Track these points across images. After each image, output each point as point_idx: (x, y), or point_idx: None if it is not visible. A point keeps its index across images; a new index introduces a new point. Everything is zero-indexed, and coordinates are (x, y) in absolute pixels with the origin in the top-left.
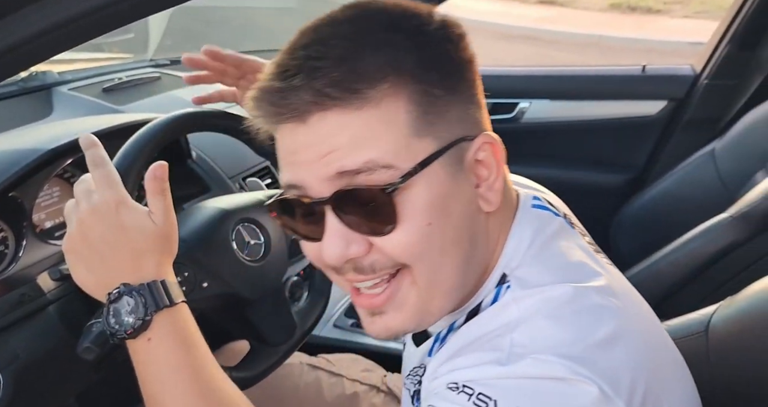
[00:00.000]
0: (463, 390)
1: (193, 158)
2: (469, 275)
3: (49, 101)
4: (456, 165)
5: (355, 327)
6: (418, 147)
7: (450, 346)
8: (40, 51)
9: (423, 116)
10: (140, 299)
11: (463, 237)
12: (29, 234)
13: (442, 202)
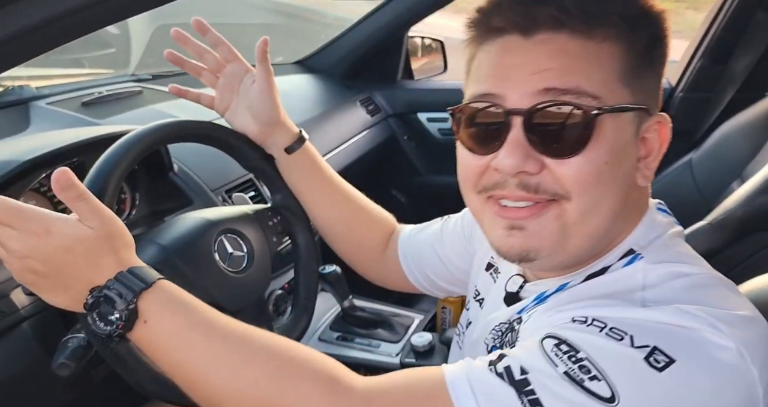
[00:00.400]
0: (593, 323)
1: (174, 170)
2: (610, 233)
3: (26, 116)
4: (635, 127)
5: (340, 341)
6: (621, 93)
7: (560, 299)
8: (23, 50)
9: (631, 70)
10: (115, 293)
11: (621, 194)
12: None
13: (621, 149)
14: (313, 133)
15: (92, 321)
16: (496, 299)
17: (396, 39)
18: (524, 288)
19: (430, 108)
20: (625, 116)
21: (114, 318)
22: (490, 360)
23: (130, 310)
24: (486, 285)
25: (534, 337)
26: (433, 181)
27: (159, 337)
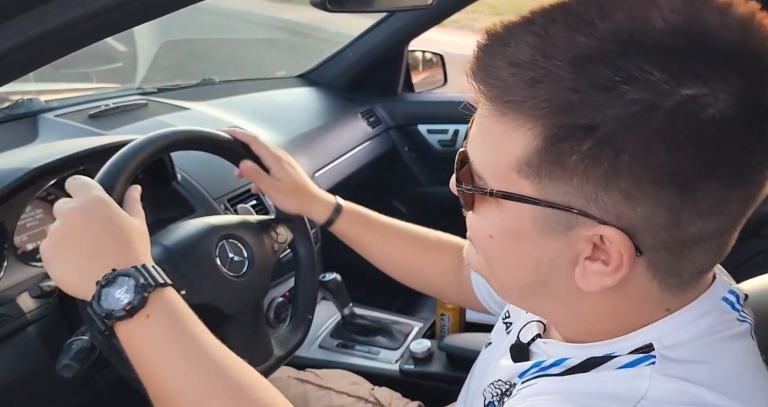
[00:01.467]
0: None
1: (178, 180)
2: (539, 304)
3: (35, 128)
4: (555, 224)
5: (340, 348)
6: (514, 182)
7: (549, 386)
8: (44, 53)
9: (537, 165)
10: (135, 278)
11: (527, 276)
12: (10, 256)
13: (517, 235)
14: (315, 144)
15: (97, 298)
16: (512, 338)
17: (396, 53)
18: (536, 342)
19: (431, 120)
20: (523, 208)
21: (124, 300)
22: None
23: (143, 297)
24: (517, 311)
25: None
26: (433, 192)
27: (149, 336)
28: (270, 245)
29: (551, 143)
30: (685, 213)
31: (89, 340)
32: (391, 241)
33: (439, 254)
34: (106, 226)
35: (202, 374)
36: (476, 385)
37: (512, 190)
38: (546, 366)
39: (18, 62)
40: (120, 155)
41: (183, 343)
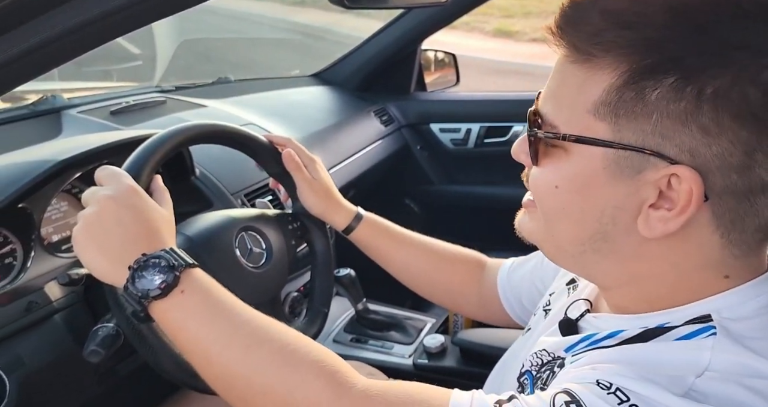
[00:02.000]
0: (615, 392)
1: (196, 174)
2: (597, 263)
3: (59, 123)
4: (626, 168)
5: (355, 342)
6: (589, 125)
7: (605, 355)
8: (65, 50)
9: (615, 105)
10: (166, 259)
11: (590, 226)
12: (37, 246)
13: (584, 182)
14: (329, 142)
15: (131, 280)
16: (554, 318)
17: (409, 52)
18: (585, 318)
19: (443, 119)
20: (595, 152)
21: (158, 279)
22: (499, 398)
23: (175, 276)
24: (558, 297)
25: (554, 388)
26: (445, 190)
27: (188, 309)
28: (287, 238)
29: (636, 80)
30: (758, 154)
31: (114, 327)
32: (410, 252)
33: (458, 266)
34: (137, 213)
35: (246, 339)
36: (509, 364)
37: (586, 134)
38: (599, 338)
39: (38, 61)
40: (146, 145)
41: (222, 312)
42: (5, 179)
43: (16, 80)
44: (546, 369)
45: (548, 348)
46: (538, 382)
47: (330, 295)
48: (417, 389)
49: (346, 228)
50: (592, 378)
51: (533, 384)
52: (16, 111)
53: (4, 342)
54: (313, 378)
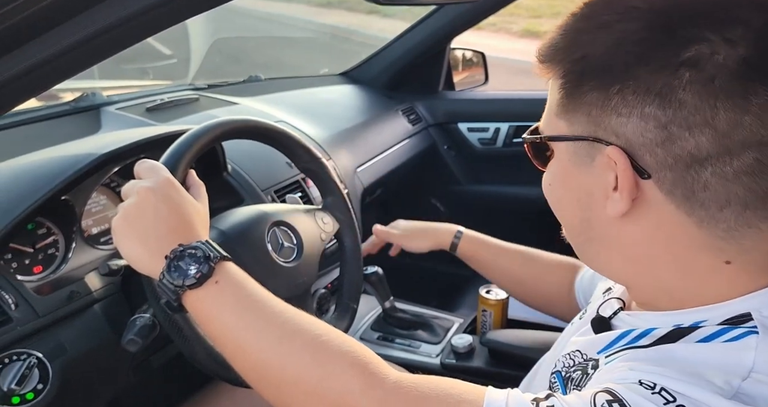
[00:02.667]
0: (660, 393)
1: (228, 170)
2: (597, 253)
3: (98, 120)
4: (582, 157)
5: (381, 341)
6: (556, 125)
7: (641, 355)
8: (101, 49)
9: (564, 104)
10: (202, 250)
11: (576, 214)
12: (78, 238)
13: (565, 177)
14: (357, 140)
15: (167, 270)
16: (587, 320)
17: (438, 51)
18: (618, 316)
19: (471, 118)
20: (562, 147)
21: (193, 269)
22: (536, 397)
23: (210, 267)
24: (594, 304)
25: (592, 388)
26: (472, 190)
27: (221, 299)
28: (318, 233)
29: (566, 80)
30: (673, 127)
31: (150, 317)
32: (509, 260)
33: (554, 272)
34: (174, 205)
35: (279, 330)
36: (541, 367)
37: (553, 133)
38: (634, 337)
39: (72, 62)
40: (182, 140)
41: (253, 303)
42: (49, 172)
43: (61, 76)
44: (577, 369)
45: (581, 348)
46: (569, 383)
47: (359, 291)
48: (450, 383)
49: (451, 246)
50: (633, 378)
51: (564, 384)
52: (58, 107)
53: (47, 330)
54: (345, 368)
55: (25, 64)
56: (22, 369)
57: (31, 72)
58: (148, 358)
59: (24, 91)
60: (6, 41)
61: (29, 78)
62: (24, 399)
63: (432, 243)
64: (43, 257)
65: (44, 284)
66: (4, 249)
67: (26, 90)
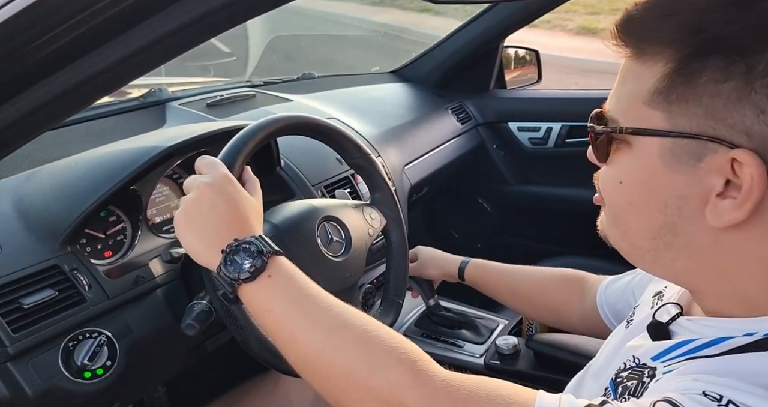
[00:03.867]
0: (728, 406)
1: (281, 165)
2: (676, 260)
3: (163, 114)
4: (684, 156)
5: (424, 338)
6: (645, 116)
7: (715, 364)
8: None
9: (667, 92)
10: (256, 245)
11: (656, 219)
12: (143, 226)
13: (641, 175)
14: (406, 138)
15: (223, 263)
16: (641, 325)
17: (490, 49)
18: (677, 322)
19: (522, 118)
20: (650, 142)
21: (248, 264)
22: (590, 403)
23: (263, 261)
24: (642, 309)
25: (651, 397)
26: (520, 191)
27: (274, 293)
28: (365, 228)
29: (683, 65)
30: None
31: (207, 304)
32: (513, 279)
33: (560, 287)
34: (230, 201)
35: (330, 323)
36: (588, 375)
37: (642, 126)
38: (697, 346)
39: (148, 58)
40: (238, 137)
41: (305, 297)
42: (120, 164)
43: (131, 76)
44: (632, 377)
45: (636, 354)
46: (624, 391)
47: (404, 285)
48: (500, 385)
49: (459, 273)
50: (697, 389)
51: (615, 391)
52: (128, 102)
53: (115, 311)
54: (394, 364)
55: (103, 63)
56: (94, 347)
57: (109, 70)
58: (203, 342)
59: (100, 90)
60: (87, 43)
61: (107, 76)
62: (95, 374)
63: (440, 273)
64: (113, 242)
65: (114, 268)
66: (80, 234)
67: (101, 89)
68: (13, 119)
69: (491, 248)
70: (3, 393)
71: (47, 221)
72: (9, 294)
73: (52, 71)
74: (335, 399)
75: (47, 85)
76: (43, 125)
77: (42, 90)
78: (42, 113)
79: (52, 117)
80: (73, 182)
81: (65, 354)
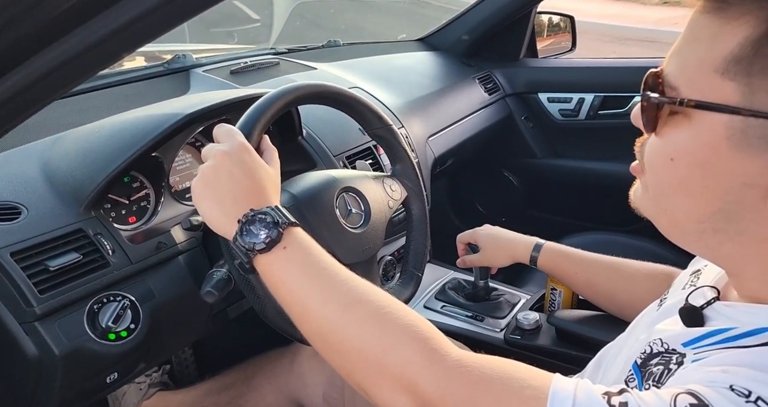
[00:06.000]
0: (757, 403)
1: (303, 135)
2: (720, 244)
3: (187, 81)
4: (755, 138)
5: (444, 310)
6: (714, 87)
7: (748, 355)
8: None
9: (748, 61)
10: (272, 216)
11: (712, 203)
12: (166, 193)
13: (702, 155)
14: (431, 108)
15: (240, 233)
16: (673, 307)
17: (523, 15)
18: (713, 306)
19: (553, 88)
20: (719, 119)
21: (264, 234)
22: (608, 390)
23: (279, 232)
24: (677, 287)
25: (674, 388)
26: (549, 164)
27: (289, 265)
28: (385, 200)
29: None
30: None
31: (226, 272)
32: (594, 272)
33: (643, 283)
34: (247, 170)
35: (344, 297)
36: (610, 355)
37: (710, 99)
38: (734, 335)
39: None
40: (256, 106)
41: (320, 270)
42: (142, 130)
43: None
44: (659, 362)
45: (664, 338)
46: (649, 377)
47: (424, 258)
48: (515, 366)
49: (531, 259)
50: (724, 383)
51: (642, 378)
52: (153, 68)
53: (138, 276)
54: (407, 341)
55: (116, 23)
56: (117, 310)
57: (124, 30)
58: (225, 309)
59: (109, 56)
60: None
61: (122, 35)
62: (119, 336)
63: (510, 259)
64: (136, 208)
65: (137, 234)
66: (103, 200)
67: (111, 54)
68: (28, 82)
69: (516, 221)
70: (32, 352)
71: (72, 185)
72: (36, 256)
73: (69, 30)
74: (347, 373)
75: (61, 45)
76: (59, 88)
77: (60, 49)
78: (56, 76)
79: (69, 79)
80: (97, 148)
81: (90, 316)
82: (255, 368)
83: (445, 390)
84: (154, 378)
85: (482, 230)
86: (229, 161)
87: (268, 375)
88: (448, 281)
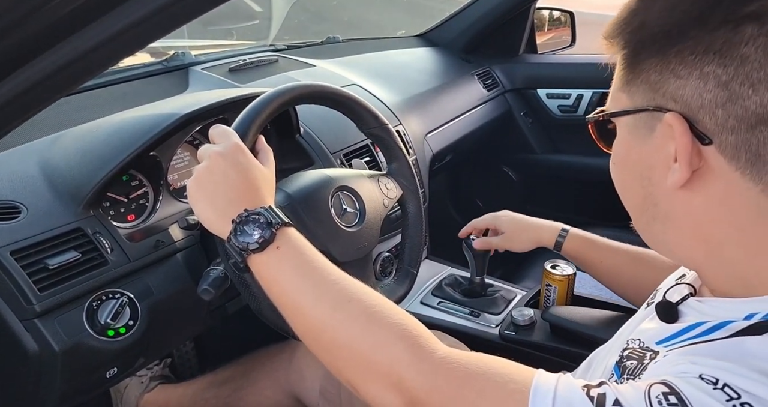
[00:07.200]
0: (723, 389)
1: (300, 133)
2: (663, 232)
3: (186, 79)
4: (643, 129)
5: (441, 306)
6: (619, 100)
7: (714, 346)
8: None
9: (625, 77)
10: (265, 216)
11: (638, 192)
12: (164, 191)
13: (627, 153)
14: (429, 105)
15: (234, 233)
16: (654, 306)
17: (522, 10)
18: (686, 302)
19: (552, 84)
20: (623, 122)
21: (257, 234)
22: (588, 384)
23: (272, 232)
24: (663, 287)
25: (648, 380)
26: (548, 159)
27: (282, 264)
28: (381, 199)
29: (627, 50)
30: (734, 85)
31: (223, 270)
32: (620, 261)
33: (668, 274)
34: (241, 171)
35: (335, 296)
36: (600, 354)
37: (617, 108)
38: (704, 330)
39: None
40: (252, 107)
41: (312, 270)
42: (140, 130)
43: (149, 38)
44: (633, 358)
45: (643, 337)
46: (625, 371)
47: (420, 256)
48: (499, 363)
49: (555, 244)
50: (694, 373)
51: (620, 373)
52: (152, 66)
53: (136, 274)
54: (395, 339)
55: (119, 25)
56: (116, 307)
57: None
58: (224, 304)
59: (115, 54)
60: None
61: (126, 37)
62: (117, 332)
63: (534, 243)
64: (135, 206)
65: (135, 232)
66: (102, 198)
67: (116, 53)
68: (32, 83)
69: None
70: (33, 348)
71: (70, 184)
72: (35, 255)
73: (70, 33)
74: (338, 370)
75: (64, 47)
76: (62, 88)
77: (61, 51)
78: (60, 77)
79: (72, 80)
80: (95, 148)
81: (89, 313)
82: (254, 362)
83: (431, 386)
84: (156, 371)
85: (503, 215)
86: (224, 162)
87: (267, 369)
88: (444, 277)
